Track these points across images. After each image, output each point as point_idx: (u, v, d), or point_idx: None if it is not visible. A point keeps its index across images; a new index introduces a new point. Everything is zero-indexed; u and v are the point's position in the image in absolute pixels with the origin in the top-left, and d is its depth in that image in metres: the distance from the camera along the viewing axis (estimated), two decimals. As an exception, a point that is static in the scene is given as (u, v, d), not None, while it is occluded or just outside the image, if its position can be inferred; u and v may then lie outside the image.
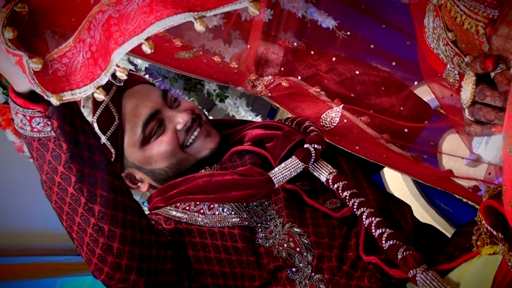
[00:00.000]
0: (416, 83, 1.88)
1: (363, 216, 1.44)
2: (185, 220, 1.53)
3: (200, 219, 1.53)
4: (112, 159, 1.70)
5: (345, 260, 1.43)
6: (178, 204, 1.57)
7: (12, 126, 2.89)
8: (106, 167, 1.27)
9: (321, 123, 1.77)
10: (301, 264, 1.44)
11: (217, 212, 1.52)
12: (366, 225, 1.43)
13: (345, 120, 1.74)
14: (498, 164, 1.08)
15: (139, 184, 1.77)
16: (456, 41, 1.41)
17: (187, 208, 1.55)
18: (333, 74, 1.80)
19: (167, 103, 1.73)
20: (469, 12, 1.33)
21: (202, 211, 1.54)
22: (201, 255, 1.49)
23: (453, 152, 1.77)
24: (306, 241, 1.46)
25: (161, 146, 1.68)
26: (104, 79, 1.11)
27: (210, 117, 2.58)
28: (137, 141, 1.68)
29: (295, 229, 1.48)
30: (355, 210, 1.47)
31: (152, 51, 1.07)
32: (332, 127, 1.76)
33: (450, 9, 1.39)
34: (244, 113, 2.87)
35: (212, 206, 1.54)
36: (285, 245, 1.46)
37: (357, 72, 1.74)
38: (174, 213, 1.56)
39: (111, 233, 1.27)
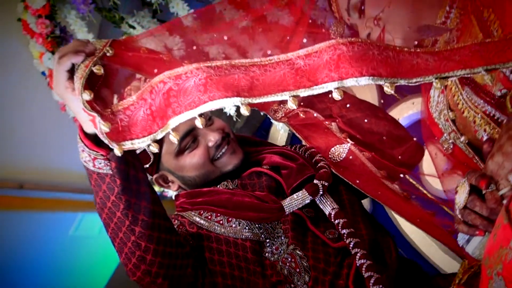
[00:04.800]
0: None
1: (357, 256, 1.51)
2: (205, 227, 1.62)
3: (218, 228, 1.61)
4: (150, 162, 1.77)
5: (335, 286, 1.51)
6: (202, 212, 1.65)
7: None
8: (150, 197, 1.36)
9: (330, 156, 1.81)
10: (299, 283, 1.52)
11: (233, 225, 1.60)
12: (358, 265, 1.50)
13: (350, 157, 1.77)
14: (476, 258, 1.15)
15: (170, 184, 1.83)
16: (455, 121, 1.46)
17: (209, 217, 1.63)
18: (345, 115, 1.83)
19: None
20: (469, 103, 1.37)
21: (221, 222, 1.62)
22: (215, 258, 1.58)
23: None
24: (305, 264, 1.53)
25: (193, 158, 1.74)
26: (159, 135, 1.17)
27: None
28: (173, 151, 1.74)
29: (298, 252, 1.55)
30: (350, 248, 1.53)
31: (204, 126, 1.13)
32: (338, 160, 1.80)
33: (454, 94, 1.43)
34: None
35: (230, 219, 1.62)
36: (287, 264, 1.53)
37: (365, 120, 1.78)
38: (197, 219, 1.64)
39: (146, 248, 1.37)
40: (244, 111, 1.09)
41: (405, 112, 3.06)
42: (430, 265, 2.88)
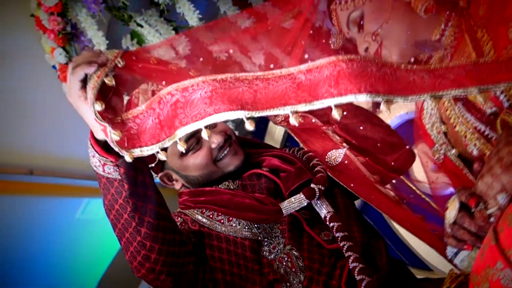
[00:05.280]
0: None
1: (350, 259, 1.52)
2: (207, 225, 1.63)
3: (219, 227, 1.62)
4: (156, 162, 1.77)
5: (329, 286, 1.52)
6: (204, 211, 1.67)
7: (68, 81, 2.97)
8: (156, 200, 1.36)
9: (326, 159, 1.82)
10: (294, 282, 1.53)
11: (234, 224, 1.61)
12: (350, 268, 1.51)
13: (346, 161, 1.78)
14: (463, 269, 1.17)
15: (174, 182, 1.83)
16: (447, 134, 1.46)
17: (211, 216, 1.64)
18: (342, 121, 1.82)
19: None
20: (461, 119, 1.38)
21: (222, 221, 1.63)
22: (216, 255, 1.59)
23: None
24: (301, 264, 1.54)
25: (197, 159, 1.74)
26: (167, 143, 1.18)
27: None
28: (177, 152, 1.74)
29: (294, 252, 1.56)
30: (344, 251, 1.54)
31: (209, 138, 1.13)
32: (334, 164, 1.80)
33: (447, 108, 1.43)
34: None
35: (231, 219, 1.63)
36: (284, 264, 1.55)
37: (361, 127, 1.78)
38: (200, 217, 1.65)
39: (151, 248, 1.37)
40: (249, 126, 1.09)
41: (397, 112, 3.06)
42: (421, 262, 2.88)
